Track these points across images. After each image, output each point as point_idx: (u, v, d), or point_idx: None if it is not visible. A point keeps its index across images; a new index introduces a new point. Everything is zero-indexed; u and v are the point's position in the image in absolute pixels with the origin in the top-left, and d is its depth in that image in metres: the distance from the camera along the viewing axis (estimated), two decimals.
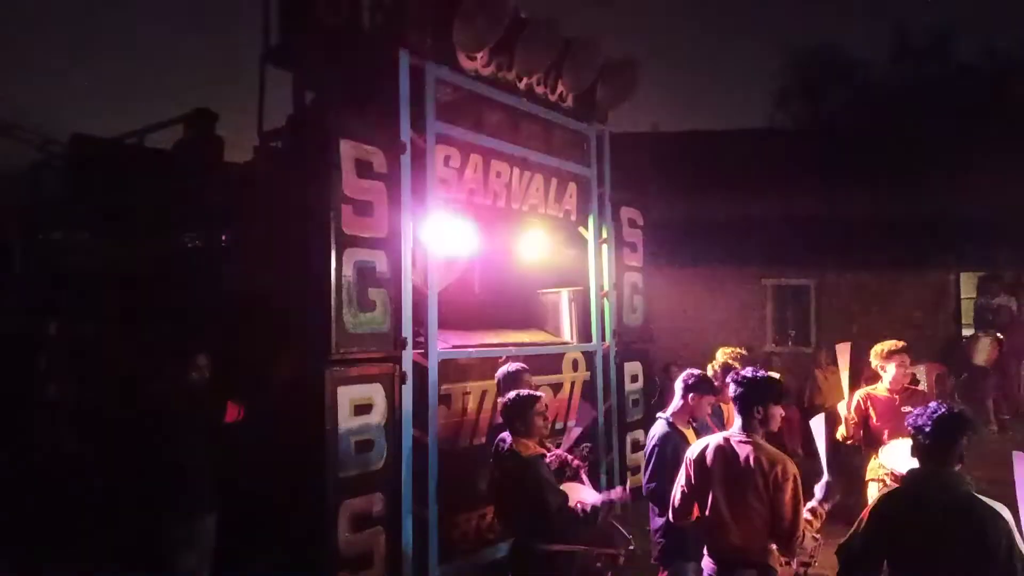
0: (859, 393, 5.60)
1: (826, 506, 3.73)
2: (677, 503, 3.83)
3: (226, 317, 5.13)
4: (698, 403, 4.59)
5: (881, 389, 5.50)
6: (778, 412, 3.69)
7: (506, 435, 4.19)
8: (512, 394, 4.22)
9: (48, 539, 5.43)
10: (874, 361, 5.58)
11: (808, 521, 3.58)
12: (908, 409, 4.86)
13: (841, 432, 5.61)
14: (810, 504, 3.66)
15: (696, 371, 4.69)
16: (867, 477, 5.48)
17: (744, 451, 3.56)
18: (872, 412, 5.45)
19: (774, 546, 3.57)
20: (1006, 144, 11.69)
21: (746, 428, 3.63)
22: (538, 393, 4.27)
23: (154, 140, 7.24)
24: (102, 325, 6.09)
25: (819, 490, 3.78)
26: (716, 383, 5.27)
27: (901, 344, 5.54)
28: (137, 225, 6.34)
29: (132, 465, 4.88)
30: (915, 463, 3.28)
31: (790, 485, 3.46)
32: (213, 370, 4.84)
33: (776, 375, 3.94)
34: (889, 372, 5.46)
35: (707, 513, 3.66)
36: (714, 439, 3.73)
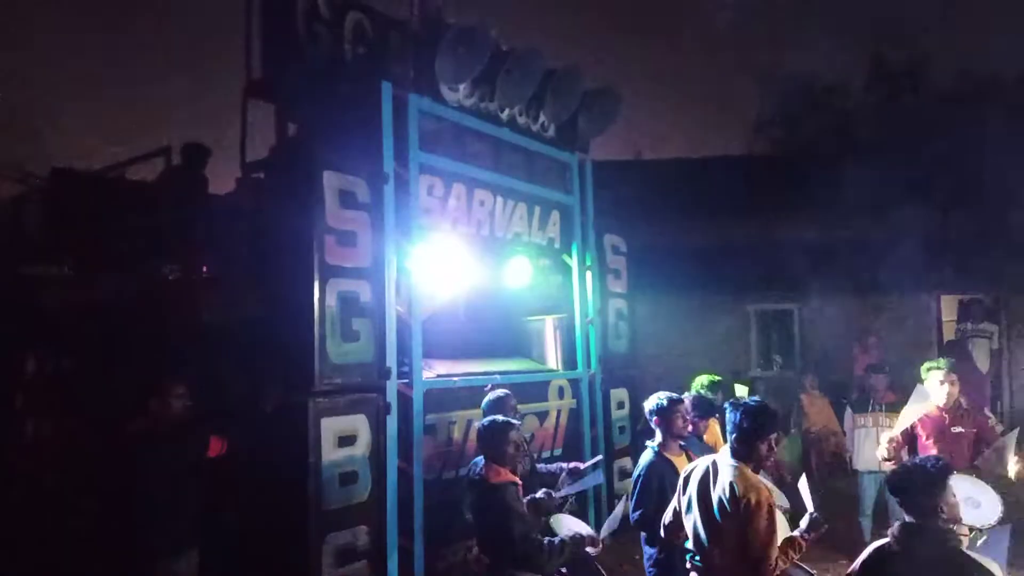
0: (912, 415, 5.39)
1: (808, 537, 3.71)
2: (668, 519, 3.87)
3: (208, 349, 5.08)
4: (670, 422, 4.57)
5: (931, 407, 5.35)
6: (764, 447, 3.67)
7: (479, 459, 4.13)
8: (487, 420, 4.17)
9: None
10: (923, 377, 5.47)
11: (785, 551, 3.55)
12: (958, 429, 5.02)
13: (881, 453, 5.49)
14: (793, 533, 3.64)
15: (654, 398, 4.67)
16: None
17: (725, 475, 3.56)
18: (921, 431, 5.32)
19: None
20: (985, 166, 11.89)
21: (735, 455, 3.63)
22: (514, 421, 4.21)
23: (138, 173, 7.21)
24: (81, 360, 5.99)
25: (804, 522, 3.76)
26: (688, 416, 5.22)
27: (943, 360, 5.48)
28: (117, 258, 6.28)
29: (112, 502, 4.77)
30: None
31: (762, 515, 3.43)
32: (193, 401, 4.77)
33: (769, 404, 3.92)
34: (934, 388, 5.35)
35: (690, 535, 3.66)
36: (705, 461, 3.75)
